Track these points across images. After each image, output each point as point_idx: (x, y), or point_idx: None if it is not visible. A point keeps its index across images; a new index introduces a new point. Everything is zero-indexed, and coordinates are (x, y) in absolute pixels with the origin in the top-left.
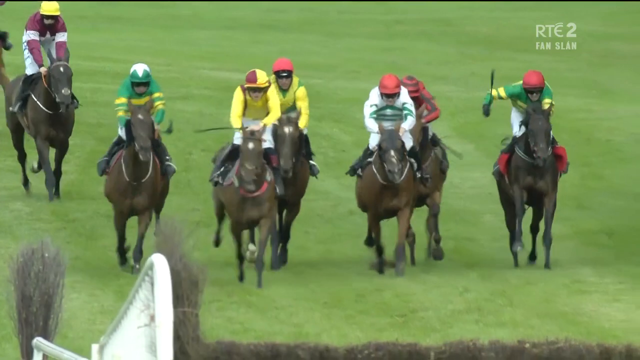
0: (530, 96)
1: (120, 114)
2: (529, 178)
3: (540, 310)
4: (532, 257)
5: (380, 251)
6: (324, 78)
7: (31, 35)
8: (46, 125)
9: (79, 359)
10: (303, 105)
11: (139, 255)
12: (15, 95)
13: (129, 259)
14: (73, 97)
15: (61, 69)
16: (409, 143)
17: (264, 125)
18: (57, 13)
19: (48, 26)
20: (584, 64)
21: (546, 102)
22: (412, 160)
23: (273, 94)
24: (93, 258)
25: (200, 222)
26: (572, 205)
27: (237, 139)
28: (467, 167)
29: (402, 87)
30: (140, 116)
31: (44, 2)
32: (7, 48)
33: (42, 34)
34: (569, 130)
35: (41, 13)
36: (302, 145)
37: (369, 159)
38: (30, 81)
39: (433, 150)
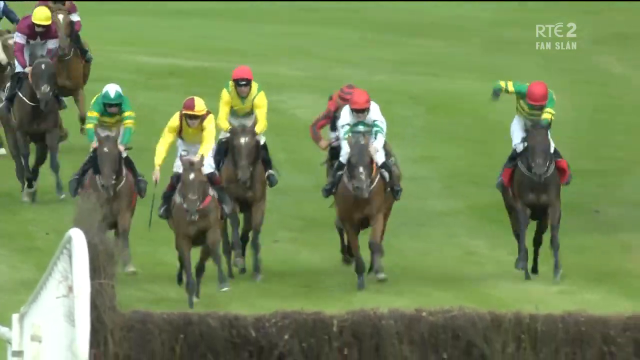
0: (533, 111)
1: (89, 126)
2: (532, 195)
3: (436, 281)
4: (534, 270)
5: (361, 269)
6: (235, 62)
7: (18, 38)
8: (29, 118)
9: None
10: (261, 112)
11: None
12: (4, 96)
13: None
14: (57, 96)
15: (42, 66)
16: (380, 159)
17: (202, 156)
18: (49, 22)
19: (39, 32)
20: (477, 49)
21: (547, 112)
22: (384, 171)
23: (210, 124)
24: (14, 232)
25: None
26: (466, 182)
27: (177, 167)
28: None
29: (372, 103)
30: (105, 149)
31: (36, 9)
32: (88, 61)
33: (31, 38)
34: (462, 111)
35: (33, 21)
36: (259, 153)
37: (340, 172)
38: (17, 79)
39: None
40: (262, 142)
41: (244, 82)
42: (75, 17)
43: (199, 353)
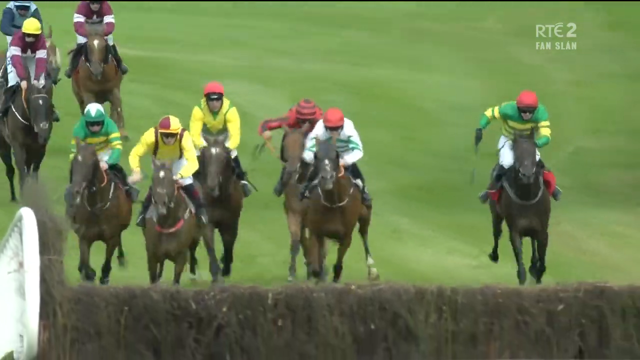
0: (523, 115)
1: (72, 156)
2: (523, 221)
3: (364, 256)
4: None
5: (316, 275)
6: (171, 51)
7: (13, 51)
8: (23, 134)
9: None
10: (234, 127)
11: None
12: None
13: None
14: (50, 126)
15: (40, 101)
16: (354, 157)
17: (181, 176)
18: (38, 32)
19: (29, 44)
20: (397, 40)
21: (545, 127)
22: (358, 181)
23: (189, 146)
24: None
25: (64, 177)
26: (391, 164)
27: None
28: None
29: (345, 120)
30: (79, 157)
31: (26, 20)
32: (124, 72)
33: (23, 51)
34: (386, 98)
35: (22, 31)
36: (230, 166)
37: (314, 182)
38: (11, 92)
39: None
40: (233, 156)
41: (215, 96)
42: (108, 19)
43: (143, 324)
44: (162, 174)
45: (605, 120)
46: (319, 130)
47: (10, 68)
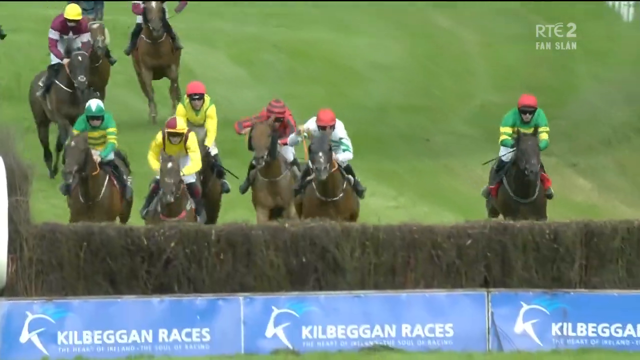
0: (523, 117)
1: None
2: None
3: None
4: None
5: None
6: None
7: (51, 34)
8: (67, 105)
9: None
10: (212, 122)
11: None
12: (41, 83)
13: None
14: (90, 85)
15: (79, 57)
16: (345, 157)
17: (183, 174)
18: (79, 17)
19: (71, 28)
20: (329, 5)
21: (544, 132)
22: (350, 176)
23: (194, 146)
24: None
25: (29, 127)
26: None
27: (157, 175)
28: (240, 89)
29: (337, 121)
30: (72, 143)
31: (67, 6)
32: (178, 48)
33: (64, 33)
34: (317, 57)
35: (65, 17)
36: (210, 164)
37: (309, 177)
38: (54, 70)
39: (289, 169)
40: (213, 153)
41: (197, 97)
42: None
43: (100, 258)
44: (169, 165)
45: (508, 77)
46: (311, 124)
47: (52, 55)
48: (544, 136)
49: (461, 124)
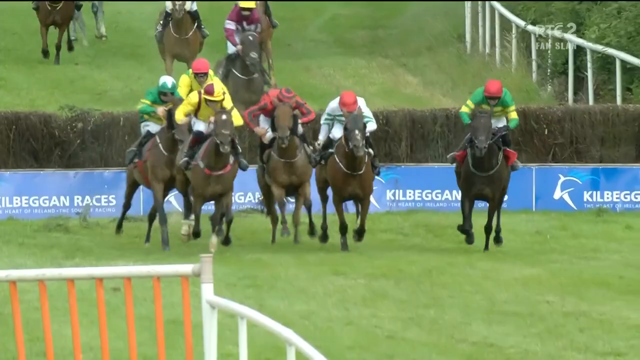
0: (490, 102)
1: (141, 106)
2: (475, 188)
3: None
4: (486, 247)
5: (344, 230)
6: None
7: (228, 24)
8: (243, 90)
9: None
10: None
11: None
12: (220, 71)
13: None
14: (263, 71)
15: (250, 37)
16: (371, 128)
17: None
18: (253, 6)
19: (244, 17)
20: None
21: (511, 110)
22: (370, 150)
23: (231, 104)
24: None
25: None
26: None
27: (198, 126)
28: None
29: (358, 99)
30: (224, 117)
31: None
32: (274, 26)
33: (239, 23)
34: None
35: (239, 6)
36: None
37: (331, 150)
38: (231, 59)
39: (303, 148)
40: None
41: (202, 75)
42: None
43: (25, 139)
44: (224, 117)
45: None
46: (332, 108)
47: (229, 42)
48: (513, 115)
49: (316, 32)
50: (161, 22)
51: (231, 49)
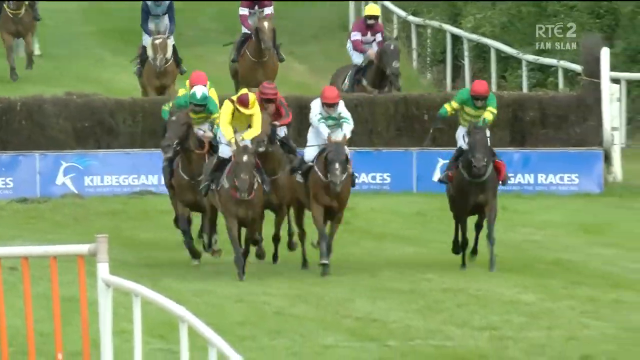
0: (475, 102)
1: (165, 108)
2: (471, 197)
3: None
4: (474, 251)
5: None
6: None
7: (354, 35)
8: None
9: None
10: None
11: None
12: (347, 80)
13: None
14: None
15: (391, 46)
16: (348, 129)
17: (242, 138)
18: (379, 14)
19: (369, 26)
20: None
21: (490, 111)
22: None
23: (257, 112)
24: None
25: None
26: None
27: (223, 153)
28: None
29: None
30: (174, 117)
31: (367, 6)
32: (281, 61)
33: (363, 34)
34: None
35: (365, 14)
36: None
37: (310, 163)
38: (360, 70)
39: (286, 164)
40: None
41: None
42: (269, 10)
43: None
44: (245, 158)
45: None
46: (317, 107)
47: (351, 51)
48: (487, 114)
49: (207, 21)
50: (139, 60)
51: (358, 60)
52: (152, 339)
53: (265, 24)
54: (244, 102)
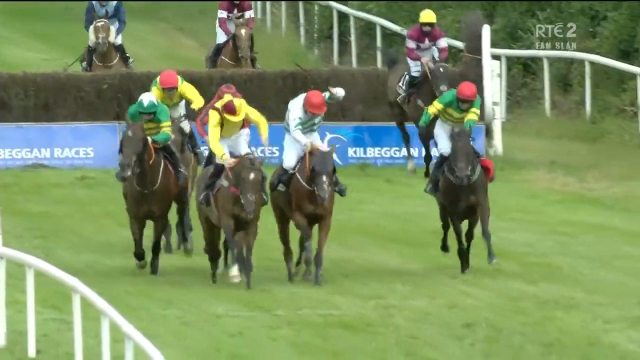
0: (461, 105)
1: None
2: (461, 202)
3: None
4: (467, 263)
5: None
6: None
7: (410, 44)
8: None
9: None
10: (192, 93)
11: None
12: (402, 87)
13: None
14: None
15: (441, 69)
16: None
17: (262, 158)
18: (434, 20)
19: (425, 33)
20: None
21: (473, 112)
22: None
23: (252, 110)
24: None
25: None
26: None
27: (218, 159)
28: None
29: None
30: (130, 132)
31: (422, 12)
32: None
33: (420, 41)
34: None
35: (420, 21)
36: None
37: (292, 172)
38: (414, 82)
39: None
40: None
41: (169, 89)
42: (249, 14)
43: None
44: (252, 176)
45: None
46: (297, 111)
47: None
48: (471, 116)
49: None
50: (84, 61)
51: (414, 69)
52: (45, 310)
53: (243, 31)
54: (231, 109)
